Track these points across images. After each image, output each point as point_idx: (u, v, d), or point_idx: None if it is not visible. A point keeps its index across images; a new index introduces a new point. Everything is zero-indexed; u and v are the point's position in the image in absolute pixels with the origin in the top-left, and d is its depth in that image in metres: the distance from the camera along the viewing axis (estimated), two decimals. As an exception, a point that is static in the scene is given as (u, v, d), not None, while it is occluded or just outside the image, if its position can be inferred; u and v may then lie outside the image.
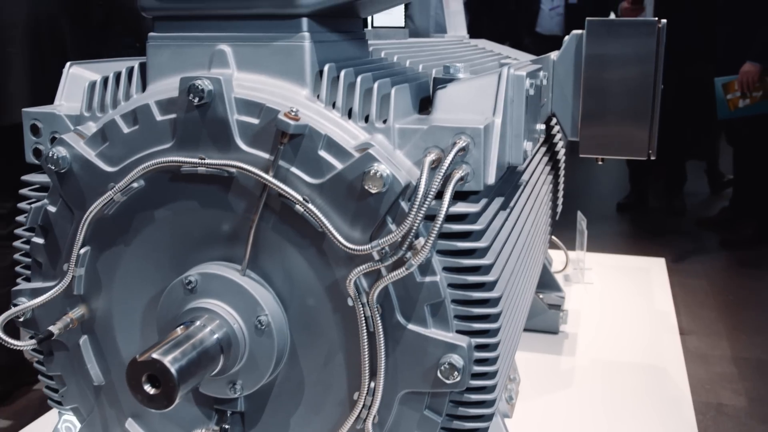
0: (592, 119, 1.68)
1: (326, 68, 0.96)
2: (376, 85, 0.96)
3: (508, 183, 1.15)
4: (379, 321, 0.92)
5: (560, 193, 1.95)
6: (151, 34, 1.03)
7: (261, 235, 0.96)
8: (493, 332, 0.94)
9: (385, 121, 0.94)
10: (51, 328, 1.06)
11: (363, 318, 0.92)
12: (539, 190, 1.47)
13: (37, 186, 1.12)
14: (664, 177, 4.70)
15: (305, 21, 0.97)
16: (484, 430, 0.98)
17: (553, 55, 1.71)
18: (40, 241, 1.09)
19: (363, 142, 0.92)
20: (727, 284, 3.45)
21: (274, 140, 0.92)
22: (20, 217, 1.12)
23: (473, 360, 0.93)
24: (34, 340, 1.06)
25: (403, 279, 0.90)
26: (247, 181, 0.95)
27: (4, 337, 1.03)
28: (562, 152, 1.91)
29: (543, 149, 1.64)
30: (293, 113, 0.90)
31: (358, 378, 0.95)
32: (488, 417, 0.98)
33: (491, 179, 0.92)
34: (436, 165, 0.89)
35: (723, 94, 3.84)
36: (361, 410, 0.95)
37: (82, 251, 1.04)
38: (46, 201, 1.07)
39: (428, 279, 0.91)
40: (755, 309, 3.12)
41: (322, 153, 0.92)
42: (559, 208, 1.96)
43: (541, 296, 2.04)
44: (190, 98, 0.94)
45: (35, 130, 1.12)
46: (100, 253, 1.06)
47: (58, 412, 1.20)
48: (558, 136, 1.87)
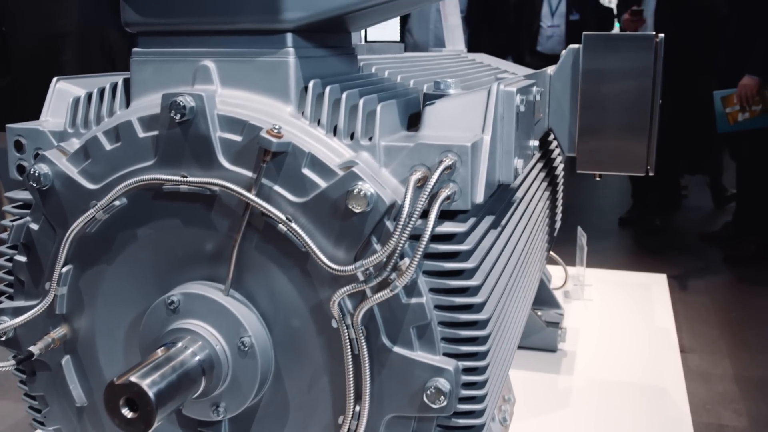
0: (590, 135, 1.66)
1: (311, 84, 0.95)
2: (362, 101, 0.94)
3: (500, 201, 1.12)
4: (364, 343, 0.89)
5: (558, 209, 1.92)
6: (135, 49, 1.02)
7: (244, 254, 0.94)
8: (482, 355, 0.92)
9: (371, 139, 0.92)
10: (32, 348, 1.04)
11: (348, 340, 0.90)
12: (535, 207, 1.44)
13: (20, 203, 1.10)
14: (659, 192, 4.67)
15: (290, 36, 0.95)
16: (473, 455, 0.95)
17: (550, 70, 1.69)
18: (23, 259, 1.07)
19: (347, 160, 0.90)
20: (730, 301, 3.41)
21: (257, 158, 0.90)
22: (2, 234, 1.10)
23: (461, 384, 0.91)
24: (14, 361, 1.04)
25: (388, 300, 0.87)
26: (230, 199, 0.93)
27: None
28: (560, 167, 1.89)
29: (540, 165, 1.61)
30: (276, 130, 0.88)
31: (343, 401, 0.93)
32: (477, 442, 0.95)
33: (479, 198, 0.90)
34: (422, 184, 0.87)
35: (722, 108, 3.81)
36: (346, 434, 0.93)
37: (65, 270, 1.03)
38: (28, 218, 1.05)
39: (414, 300, 0.88)
40: (758, 327, 3.08)
41: (306, 171, 0.90)
42: (558, 224, 1.93)
43: (539, 313, 2.01)
44: (172, 115, 0.92)
45: (19, 146, 1.10)
46: (82, 271, 1.04)
47: (40, 433, 1.18)
48: (556, 152, 1.85)
